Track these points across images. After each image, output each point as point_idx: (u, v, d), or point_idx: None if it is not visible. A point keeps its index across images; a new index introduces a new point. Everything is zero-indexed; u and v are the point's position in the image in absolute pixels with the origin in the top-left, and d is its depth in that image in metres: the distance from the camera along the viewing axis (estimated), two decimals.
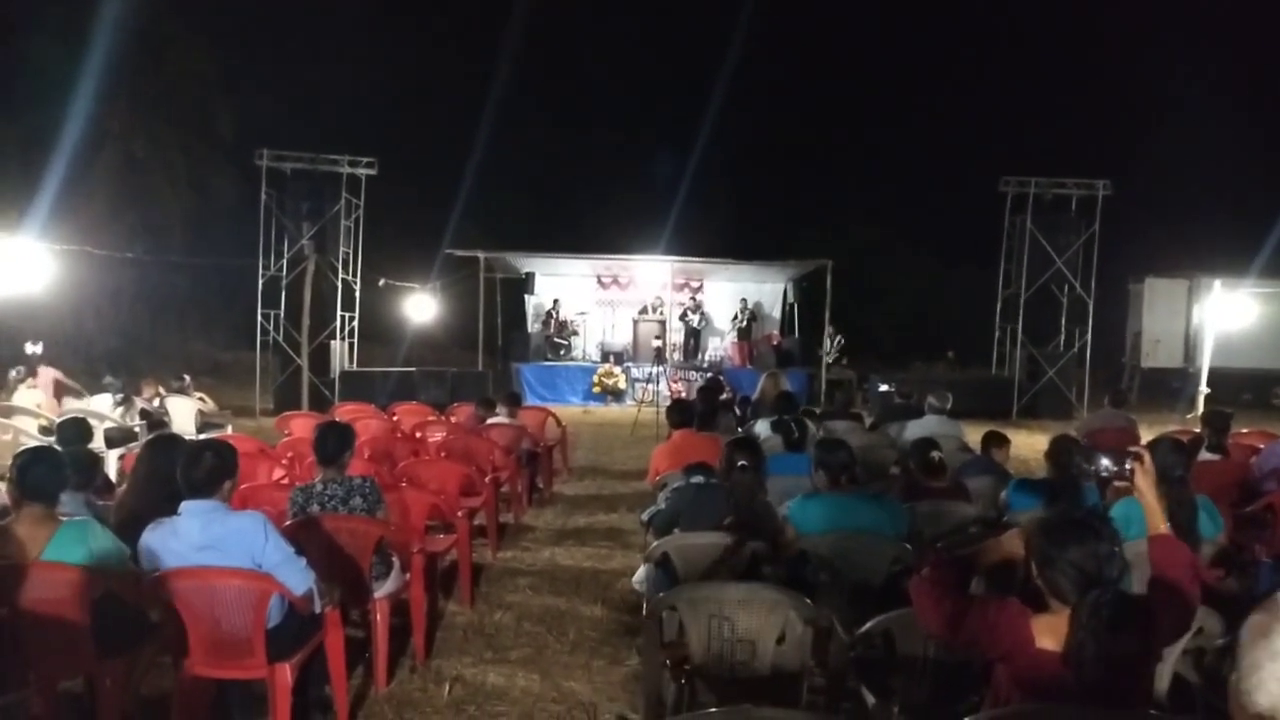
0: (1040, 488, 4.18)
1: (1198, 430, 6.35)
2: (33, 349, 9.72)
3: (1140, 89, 27.90)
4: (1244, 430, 8.09)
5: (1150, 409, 14.94)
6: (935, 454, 4.46)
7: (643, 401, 13.47)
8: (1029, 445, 10.17)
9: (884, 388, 13.33)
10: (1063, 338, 16.00)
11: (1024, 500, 4.11)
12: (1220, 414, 6.21)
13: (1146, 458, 2.38)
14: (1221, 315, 14.34)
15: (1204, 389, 13.53)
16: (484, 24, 30.54)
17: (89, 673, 3.15)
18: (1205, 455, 5.60)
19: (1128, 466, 2.37)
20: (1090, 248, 15.24)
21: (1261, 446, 5.97)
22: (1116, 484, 2.49)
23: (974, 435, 6.55)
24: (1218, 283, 14.65)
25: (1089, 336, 15.58)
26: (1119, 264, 17.19)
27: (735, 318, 17.84)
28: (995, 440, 5.59)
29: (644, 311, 17.59)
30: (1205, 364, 14.06)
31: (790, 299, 18.37)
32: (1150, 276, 18.21)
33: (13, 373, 8.95)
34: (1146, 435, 6.68)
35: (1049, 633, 2.02)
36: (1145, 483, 2.35)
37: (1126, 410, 8.26)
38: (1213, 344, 14.21)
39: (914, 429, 6.45)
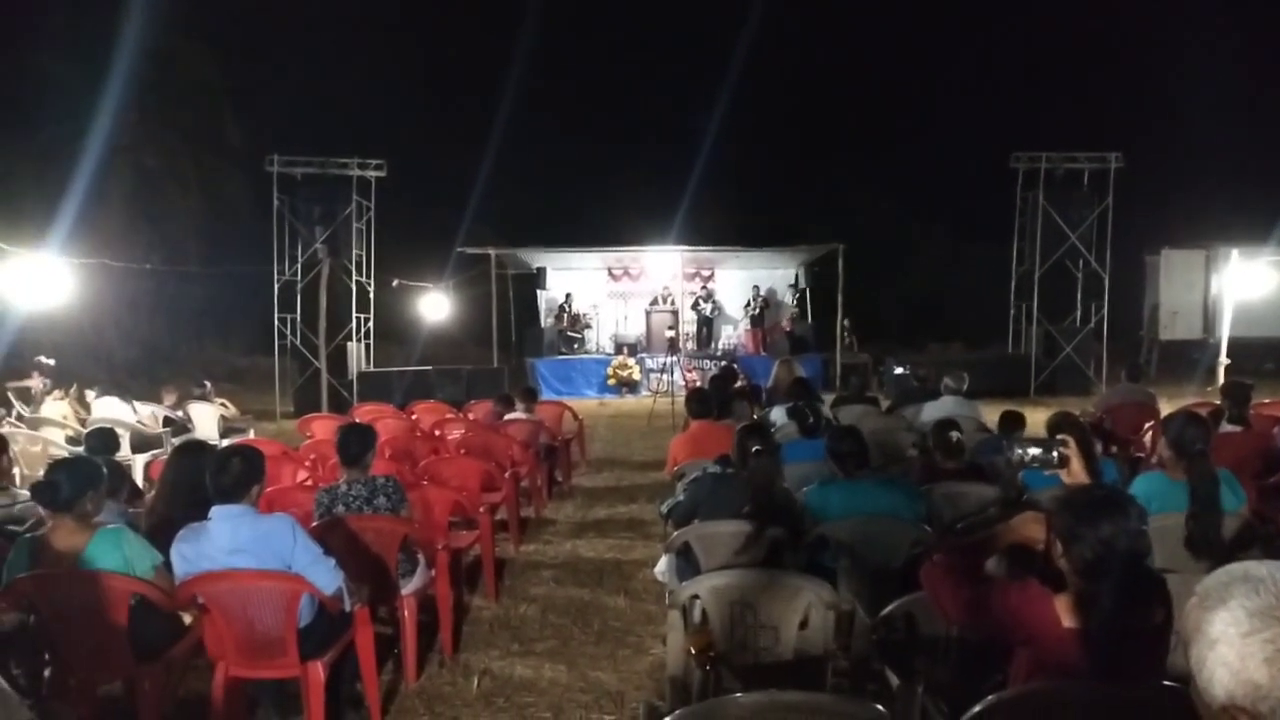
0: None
1: (1218, 402, 6.29)
2: (47, 362, 9.80)
3: (1151, 59, 27.56)
4: (1265, 401, 8.02)
5: (1169, 382, 14.82)
6: (954, 434, 4.46)
7: (657, 392, 13.50)
8: None
9: (900, 370, 13.30)
10: (1079, 313, 15.87)
11: (1041, 480, 4.10)
12: (1240, 385, 6.14)
13: (1072, 441, 2.42)
14: (1240, 285, 14.19)
15: (1224, 360, 13.41)
16: (488, 17, 30.57)
17: (127, 677, 3.22)
18: (1226, 427, 5.55)
19: (1055, 453, 2.42)
20: (1104, 221, 15.09)
21: None
22: (1047, 472, 2.52)
23: (993, 415, 6.54)
24: (1235, 252, 14.49)
25: (1105, 311, 15.45)
26: (1134, 237, 17.01)
27: (748, 305, 17.82)
28: (1012, 420, 5.57)
29: (656, 302, 17.60)
30: (1225, 335, 13.93)
31: (802, 284, 18.32)
32: (1166, 248, 18.00)
33: (39, 384, 9.09)
34: (1166, 408, 6.64)
35: (1070, 612, 2.03)
36: (1077, 465, 2.38)
37: (1145, 384, 8.21)
38: (1232, 314, 14.07)
39: (930, 411, 6.44)
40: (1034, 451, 2.49)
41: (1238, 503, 3.62)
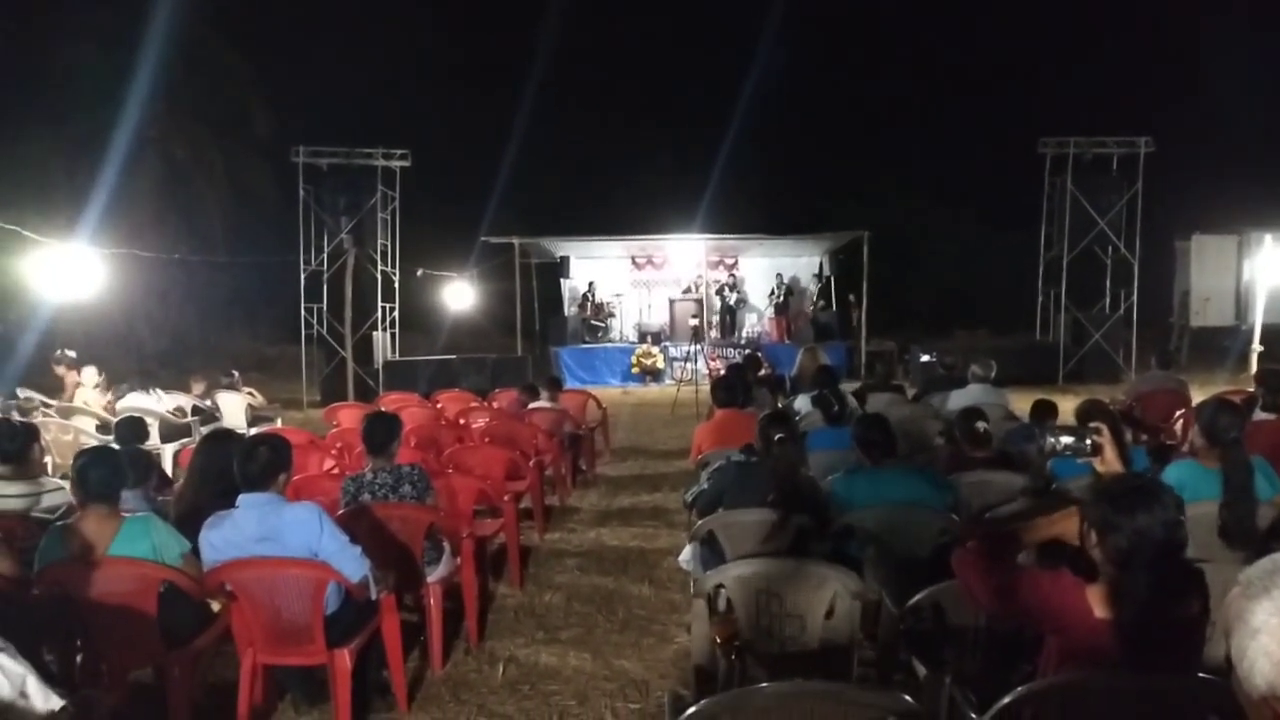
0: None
1: (1250, 389, 6.16)
2: (69, 354, 9.80)
3: (1181, 40, 26.93)
4: None
5: (1201, 369, 14.57)
6: (980, 424, 4.40)
7: (681, 381, 13.48)
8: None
9: (925, 358, 13.17)
10: (1108, 300, 15.63)
11: (1070, 468, 4.04)
12: (1275, 372, 6.00)
13: (1105, 429, 2.38)
14: (1274, 270, 13.91)
15: (1257, 346, 13.15)
16: (511, 5, 30.51)
17: (158, 663, 3.27)
18: (1260, 415, 5.44)
19: (1088, 442, 2.37)
20: (1134, 206, 14.84)
21: None
22: (1080, 460, 2.48)
23: (1020, 403, 6.46)
24: (1269, 237, 14.19)
25: (1135, 297, 15.21)
26: (1164, 222, 16.69)
27: (772, 293, 17.73)
28: (1045, 409, 5.49)
29: (689, 290, 17.54)
30: (1258, 321, 13.65)
31: (827, 272, 18.18)
32: (1197, 233, 17.61)
33: (73, 378, 9.20)
34: (1197, 396, 6.52)
35: (1103, 603, 2.00)
36: (1111, 453, 2.34)
37: (1176, 371, 8.07)
38: (1266, 300, 13.79)
39: (957, 399, 6.36)
40: (1067, 440, 2.45)
41: (1272, 491, 3.55)
